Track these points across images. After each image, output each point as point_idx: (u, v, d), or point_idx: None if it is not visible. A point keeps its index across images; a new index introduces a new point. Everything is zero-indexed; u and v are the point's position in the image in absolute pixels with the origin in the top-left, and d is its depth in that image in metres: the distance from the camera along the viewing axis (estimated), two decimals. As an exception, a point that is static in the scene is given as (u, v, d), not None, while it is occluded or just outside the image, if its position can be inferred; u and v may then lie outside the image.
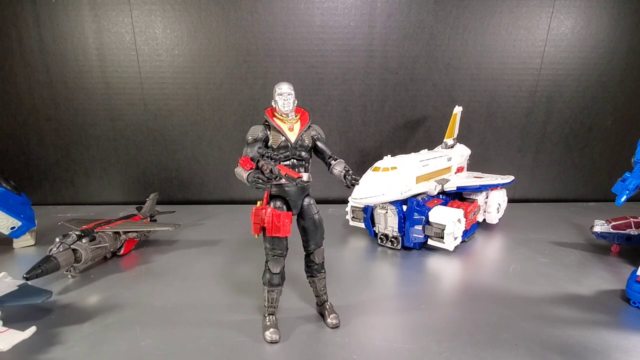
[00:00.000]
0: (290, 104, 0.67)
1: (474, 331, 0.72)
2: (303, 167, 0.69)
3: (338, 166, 0.69)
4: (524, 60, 1.50)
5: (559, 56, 1.50)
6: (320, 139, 0.71)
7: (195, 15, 1.42)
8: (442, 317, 0.77)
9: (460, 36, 1.47)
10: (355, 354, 0.65)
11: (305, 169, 0.70)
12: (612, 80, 1.54)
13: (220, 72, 1.48)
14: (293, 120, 0.68)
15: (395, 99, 1.52)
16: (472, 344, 0.68)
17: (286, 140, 0.67)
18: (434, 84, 1.52)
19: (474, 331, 0.72)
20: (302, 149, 0.68)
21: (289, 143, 0.67)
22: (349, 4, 1.42)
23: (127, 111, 1.52)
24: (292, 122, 0.68)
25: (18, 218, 1.10)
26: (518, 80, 1.52)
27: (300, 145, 0.68)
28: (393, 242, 1.10)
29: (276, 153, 0.65)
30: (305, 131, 0.69)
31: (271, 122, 0.67)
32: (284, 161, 0.67)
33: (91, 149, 1.56)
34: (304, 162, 0.70)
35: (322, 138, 0.71)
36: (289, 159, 0.68)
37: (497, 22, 1.46)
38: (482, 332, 0.71)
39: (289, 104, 0.67)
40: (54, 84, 1.47)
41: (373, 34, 1.45)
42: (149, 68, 1.46)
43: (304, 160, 0.69)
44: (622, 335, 0.71)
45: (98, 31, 1.42)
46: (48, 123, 1.52)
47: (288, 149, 0.67)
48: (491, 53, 1.49)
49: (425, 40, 1.47)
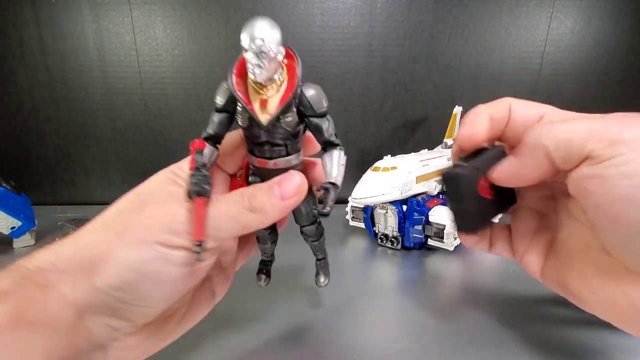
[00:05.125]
0: (263, 71, 0.38)
1: (474, 331, 0.72)
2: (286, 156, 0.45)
3: (327, 164, 0.45)
4: (524, 60, 1.50)
5: (559, 56, 1.50)
6: (315, 114, 0.42)
7: (195, 15, 1.42)
8: (442, 317, 0.77)
9: (460, 36, 1.47)
10: (355, 354, 0.65)
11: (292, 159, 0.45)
12: (612, 80, 1.54)
13: (220, 72, 1.48)
14: (270, 91, 0.40)
15: (395, 99, 1.52)
16: (472, 343, 0.68)
17: (253, 122, 0.41)
18: (434, 84, 1.52)
19: (474, 331, 0.72)
20: (280, 134, 0.42)
21: (259, 125, 0.40)
22: (349, 4, 1.41)
23: (127, 111, 1.51)
24: (268, 93, 0.40)
25: (18, 218, 1.10)
26: (518, 80, 1.52)
27: (278, 128, 0.41)
28: (393, 242, 1.10)
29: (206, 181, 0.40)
30: (287, 107, 0.40)
31: (233, 89, 0.40)
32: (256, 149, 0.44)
33: (91, 149, 1.56)
34: (288, 149, 0.44)
35: (318, 112, 0.42)
36: (262, 145, 0.43)
37: (497, 22, 1.46)
38: (482, 332, 0.71)
39: (261, 71, 0.38)
40: (54, 84, 1.47)
41: (373, 34, 1.45)
42: (149, 68, 1.46)
43: (287, 147, 0.44)
44: (623, 334, 0.70)
45: (98, 31, 1.42)
46: (48, 123, 1.52)
47: (254, 133, 0.43)
48: (491, 53, 1.49)
49: (425, 40, 1.47)
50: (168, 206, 0.40)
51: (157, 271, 0.38)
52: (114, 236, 0.38)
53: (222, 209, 0.41)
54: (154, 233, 0.38)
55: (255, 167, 0.46)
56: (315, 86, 0.42)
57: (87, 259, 0.37)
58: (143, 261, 0.37)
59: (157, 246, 0.38)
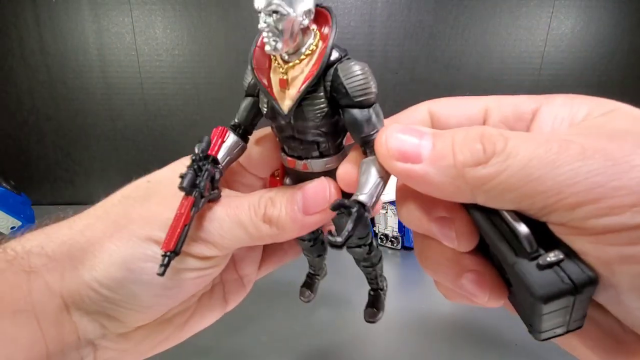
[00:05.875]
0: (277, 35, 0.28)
1: (474, 331, 0.72)
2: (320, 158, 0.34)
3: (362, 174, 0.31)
4: (524, 60, 1.50)
5: (559, 56, 1.50)
6: (352, 104, 0.30)
7: (196, 15, 1.42)
8: (442, 317, 0.77)
9: (460, 36, 1.47)
10: (355, 354, 0.65)
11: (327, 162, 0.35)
12: (612, 80, 1.53)
13: (220, 72, 1.48)
14: (293, 68, 0.30)
15: (395, 99, 1.52)
16: (472, 344, 0.68)
17: (272, 108, 0.32)
18: (434, 84, 1.52)
19: (474, 331, 0.72)
20: (309, 128, 0.32)
21: (279, 114, 0.31)
22: (349, 4, 1.41)
23: (127, 111, 1.51)
24: (289, 70, 0.30)
25: (18, 218, 1.10)
26: (518, 80, 1.52)
27: (303, 119, 0.31)
28: (393, 242, 1.10)
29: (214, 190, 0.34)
30: (312, 89, 0.30)
31: (250, 64, 0.32)
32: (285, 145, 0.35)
33: (91, 149, 1.56)
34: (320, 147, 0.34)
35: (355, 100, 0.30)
36: (290, 140, 0.34)
37: (497, 22, 1.46)
38: (483, 332, 0.71)
39: (277, 40, 0.28)
40: (54, 84, 1.47)
41: (373, 34, 1.45)
42: (149, 68, 1.46)
43: (319, 145, 0.33)
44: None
45: (98, 31, 1.42)
46: (48, 123, 1.52)
47: (281, 125, 0.33)
48: (491, 53, 1.49)
49: (425, 40, 1.47)
50: (169, 200, 0.33)
51: (148, 272, 0.33)
52: (111, 225, 0.34)
53: (230, 211, 0.33)
54: (150, 229, 0.33)
55: (287, 167, 0.37)
56: (358, 63, 0.30)
57: (78, 246, 0.34)
58: (134, 258, 0.33)
59: (152, 244, 0.33)
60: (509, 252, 0.26)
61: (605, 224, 0.21)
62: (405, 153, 0.27)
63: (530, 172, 0.23)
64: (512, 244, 0.26)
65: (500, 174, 0.24)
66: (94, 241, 0.34)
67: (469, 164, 0.25)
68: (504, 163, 0.24)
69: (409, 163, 0.27)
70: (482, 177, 0.24)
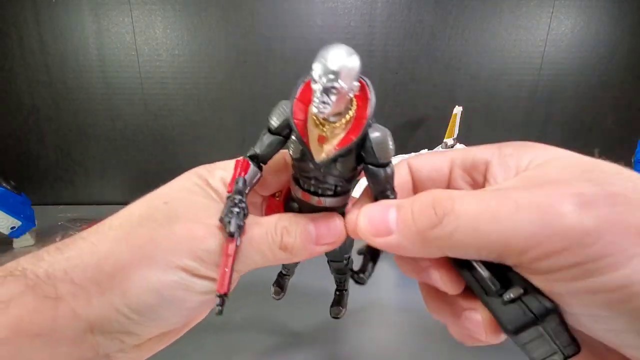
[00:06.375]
0: (328, 107, 0.31)
1: (474, 331, 0.72)
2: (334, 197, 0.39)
3: None
4: (524, 60, 1.50)
5: (559, 56, 1.50)
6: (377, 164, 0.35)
7: (195, 15, 1.42)
8: (442, 317, 0.77)
9: (460, 36, 1.47)
10: (355, 353, 0.65)
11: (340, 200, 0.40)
12: (612, 80, 1.54)
13: (220, 72, 1.48)
14: (333, 128, 0.34)
15: (395, 99, 1.52)
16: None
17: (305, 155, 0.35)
18: (434, 84, 1.52)
19: (474, 331, 0.72)
20: (333, 176, 0.37)
21: (311, 161, 0.35)
22: (349, 4, 1.42)
23: (127, 111, 1.52)
24: (329, 130, 0.34)
25: (18, 218, 1.10)
26: (518, 80, 1.53)
27: (332, 169, 0.36)
28: (393, 242, 1.10)
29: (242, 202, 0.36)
30: (348, 150, 0.33)
31: (291, 119, 0.34)
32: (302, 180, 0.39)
33: (91, 149, 1.56)
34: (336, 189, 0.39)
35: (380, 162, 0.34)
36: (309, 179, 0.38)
37: (497, 22, 1.46)
38: (482, 332, 0.71)
39: (326, 107, 0.31)
40: (54, 84, 1.47)
41: (373, 34, 1.45)
42: (149, 68, 1.46)
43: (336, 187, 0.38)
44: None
45: (98, 31, 1.42)
46: (48, 123, 1.52)
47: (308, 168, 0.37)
48: (491, 53, 1.49)
49: (425, 40, 1.47)
50: (196, 227, 0.35)
51: (179, 298, 0.35)
52: (138, 252, 0.35)
53: (253, 243, 0.37)
54: (179, 257, 0.34)
55: (298, 198, 0.40)
56: (383, 130, 0.34)
57: (106, 273, 0.34)
58: (165, 286, 0.34)
59: (181, 272, 0.34)
60: (481, 292, 0.32)
61: (547, 265, 0.25)
62: (378, 229, 0.33)
63: (476, 228, 0.27)
64: (482, 285, 0.31)
65: (454, 232, 0.28)
66: (120, 267, 0.35)
67: (427, 227, 0.29)
68: (454, 222, 0.28)
69: (384, 236, 0.32)
70: (440, 237, 0.28)
